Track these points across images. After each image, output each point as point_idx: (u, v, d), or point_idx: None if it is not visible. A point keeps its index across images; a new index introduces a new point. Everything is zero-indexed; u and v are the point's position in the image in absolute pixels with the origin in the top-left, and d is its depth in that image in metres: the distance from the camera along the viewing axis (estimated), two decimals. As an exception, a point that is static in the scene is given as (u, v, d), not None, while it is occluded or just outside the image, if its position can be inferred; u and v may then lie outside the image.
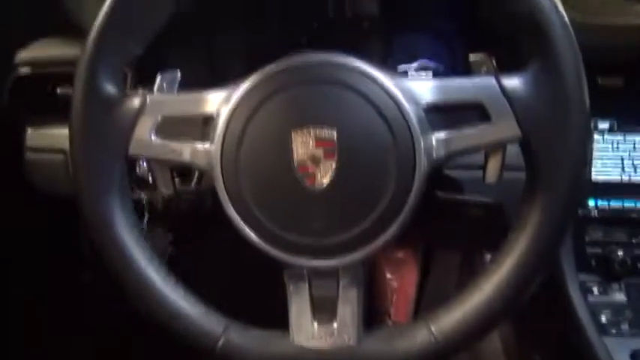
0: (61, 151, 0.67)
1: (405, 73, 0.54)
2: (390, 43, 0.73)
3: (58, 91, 0.65)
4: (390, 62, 0.73)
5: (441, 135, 0.45)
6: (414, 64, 0.74)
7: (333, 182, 0.44)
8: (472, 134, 0.45)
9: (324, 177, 0.44)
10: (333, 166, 0.44)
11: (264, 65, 0.46)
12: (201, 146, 0.46)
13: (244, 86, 0.45)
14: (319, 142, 0.44)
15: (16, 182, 0.71)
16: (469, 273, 1.07)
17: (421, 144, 0.44)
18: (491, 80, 0.44)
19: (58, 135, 0.68)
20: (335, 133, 0.44)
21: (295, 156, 0.44)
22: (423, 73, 0.74)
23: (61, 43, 0.67)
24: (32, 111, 0.68)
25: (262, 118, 0.45)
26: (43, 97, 0.66)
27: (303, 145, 0.44)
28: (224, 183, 0.45)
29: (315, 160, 0.44)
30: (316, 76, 0.45)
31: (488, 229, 0.66)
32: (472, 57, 0.48)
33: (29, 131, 0.69)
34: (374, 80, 0.45)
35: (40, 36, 0.70)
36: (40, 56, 0.66)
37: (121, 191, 0.48)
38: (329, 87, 0.45)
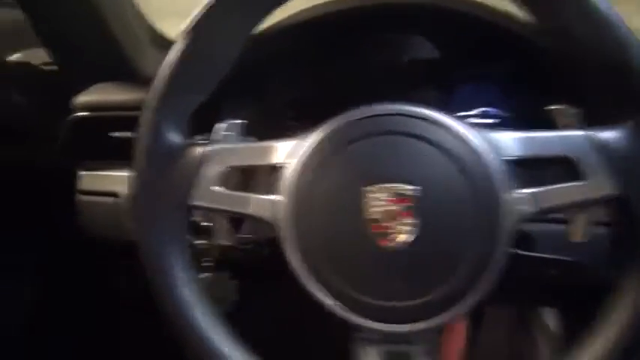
0: (113, 194, 0.67)
1: (485, 125, 0.51)
2: (448, 89, 0.70)
3: (113, 134, 0.65)
4: (447, 110, 0.70)
5: (527, 192, 0.41)
6: (474, 112, 0.72)
7: (409, 242, 0.41)
8: (562, 192, 0.41)
9: (400, 236, 0.41)
10: (409, 224, 0.41)
11: (331, 116, 0.44)
12: (266, 198, 0.44)
13: (314, 137, 0.43)
14: (394, 198, 0.41)
15: (67, 226, 0.70)
16: (522, 329, 1.00)
17: (506, 202, 0.41)
18: (580, 134, 0.41)
19: (111, 178, 0.67)
20: (411, 189, 0.41)
21: (368, 213, 0.41)
22: (485, 122, 0.72)
23: (118, 87, 0.68)
24: (87, 154, 0.68)
25: (333, 171, 0.42)
26: (99, 140, 0.66)
27: (376, 202, 0.41)
28: (290, 237, 0.43)
29: (390, 218, 0.41)
30: (390, 127, 0.43)
31: (558, 287, 0.61)
32: (553, 108, 0.45)
33: (82, 174, 0.69)
34: (453, 132, 0.42)
35: (100, 80, 0.70)
36: (97, 100, 0.66)
37: (180, 241, 0.46)
38: (404, 139, 0.42)
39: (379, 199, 0.41)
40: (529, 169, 0.43)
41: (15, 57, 0.93)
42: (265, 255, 0.57)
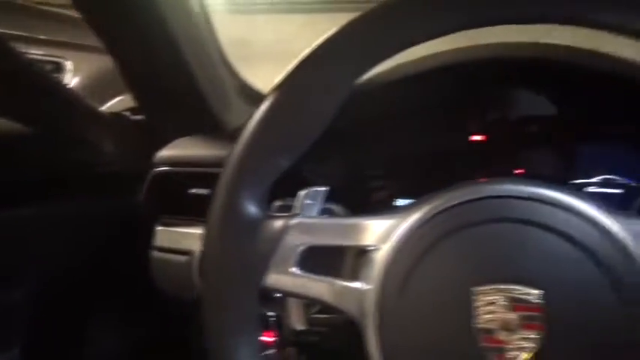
0: (187, 252, 0.63)
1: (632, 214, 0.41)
2: (565, 152, 0.61)
3: (192, 191, 0.62)
4: (563, 176, 0.61)
5: None
6: (596, 179, 0.62)
7: None
8: None
9: (521, 353, 0.32)
10: (536, 339, 0.32)
11: (436, 192, 0.37)
12: (351, 287, 0.37)
13: (414, 217, 0.36)
14: (515, 305, 0.33)
15: (141, 282, 0.68)
16: None
17: None
18: None
19: (186, 235, 0.64)
20: (538, 294, 0.32)
21: (479, 321, 0.33)
22: (609, 191, 0.61)
23: (201, 141, 0.65)
24: (165, 209, 0.66)
25: (435, 264, 0.35)
26: (178, 196, 0.63)
27: (490, 307, 0.33)
28: (378, 336, 0.36)
29: (509, 329, 0.33)
30: (510, 212, 0.34)
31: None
32: None
33: (159, 229, 0.66)
34: (591, 221, 0.33)
35: (184, 132, 0.69)
36: (178, 155, 0.64)
37: (249, 328, 0.40)
38: (526, 229, 0.34)
39: (494, 304, 0.33)
40: None
41: (111, 105, 0.96)
42: (341, 340, 0.50)
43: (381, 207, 0.63)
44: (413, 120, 0.63)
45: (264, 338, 0.63)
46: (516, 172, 0.61)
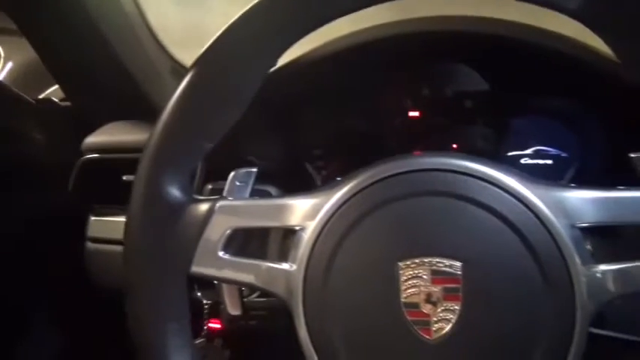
0: (122, 242, 0.61)
1: (558, 183, 0.41)
2: (499, 126, 0.61)
3: (124, 178, 0.59)
4: (497, 150, 0.62)
5: (609, 268, 0.32)
6: (528, 151, 0.63)
7: (456, 333, 0.32)
8: None
9: (444, 325, 0.32)
10: (457, 310, 0.32)
11: (361, 168, 0.36)
12: (279, 268, 0.36)
13: (338, 195, 0.35)
14: (438, 277, 0.32)
15: (74, 274, 0.65)
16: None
17: (582, 281, 0.32)
18: None
19: (121, 225, 0.61)
20: (460, 266, 0.32)
21: (404, 295, 0.33)
22: (541, 162, 0.62)
23: (132, 126, 0.62)
24: (97, 198, 0.63)
25: (360, 240, 0.34)
26: (110, 184, 0.60)
27: (414, 281, 0.33)
28: (305, 318, 0.35)
29: (432, 302, 0.33)
30: (431, 185, 0.34)
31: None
32: (636, 156, 0.36)
33: (92, 220, 0.63)
34: (511, 192, 0.33)
35: (115, 117, 0.65)
36: (107, 141, 0.61)
37: (178, 317, 0.39)
38: (449, 201, 0.34)
39: (418, 278, 0.33)
40: (610, 237, 0.34)
41: (49, 93, 0.90)
42: (280, 323, 0.49)
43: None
44: (350, 98, 0.62)
45: (212, 325, 0.62)
46: (453, 147, 0.62)
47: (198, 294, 0.61)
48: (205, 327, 0.59)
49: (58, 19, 0.59)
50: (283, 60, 0.62)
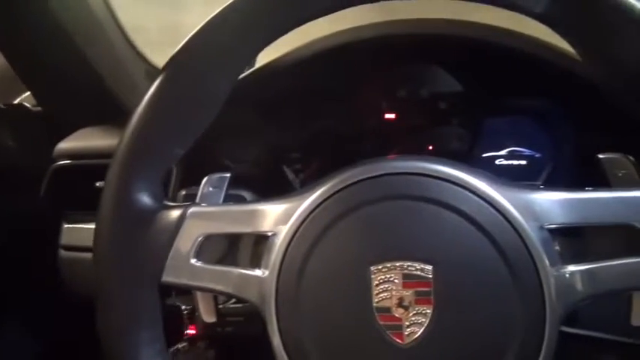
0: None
1: (529, 185, 0.41)
2: (473, 127, 0.62)
3: (97, 184, 0.58)
4: (472, 151, 0.62)
5: (578, 269, 0.33)
6: (503, 152, 0.63)
7: (428, 337, 0.32)
8: (624, 269, 0.33)
9: (416, 329, 0.32)
10: (429, 314, 0.32)
11: (333, 172, 0.36)
12: (251, 274, 0.36)
13: (310, 199, 0.35)
14: (409, 281, 0.32)
15: (47, 281, 0.63)
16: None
17: (552, 282, 0.32)
18: None
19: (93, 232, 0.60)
20: (431, 270, 0.32)
21: (375, 300, 0.33)
22: (515, 163, 0.63)
23: (104, 131, 0.61)
24: (70, 205, 0.62)
25: (332, 245, 0.34)
26: (82, 190, 0.59)
27: (386, 286, 0.33)
28: (278, 324, 0.35)
29: (404, 307, 0.33)
30: (403, 189, 0.34)
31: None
32: (604, 157, 0.36)
33: (64, 227, 0.62)
34: (481, 195, 0.33)
35: (88, 122, 0.64)
36: (79, 147, 0.59)
37: (150, 325, 0.38)
38: (420, 205, 0.34)
39: (390, 282, 0.33)
40: (579, 238, 0.34)
41: (23, 98, 0.88)
42: (257, 329, 0.49)
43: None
44: (327, 100, 0.62)
45: (189, 331, 0.61)
46: (429, 148, 0.62)
47: (176, 300, 0.60)
48: (186, 331, 0.58)
49: (22, 20, 0.57)
50: (259, 62, 0.62)
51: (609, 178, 0.36)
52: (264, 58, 0.61)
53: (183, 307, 0.55)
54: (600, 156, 0.36)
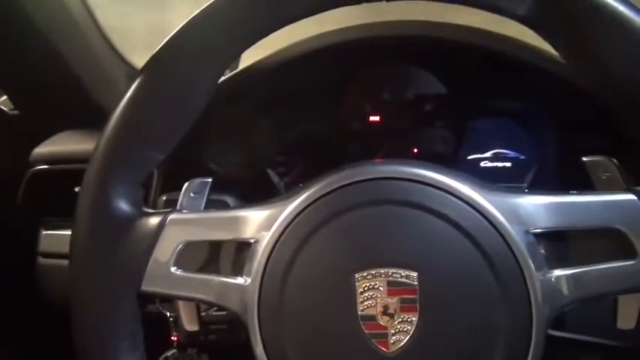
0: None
1: (514, 188, 0.40)
2: (458, 129, 0.62)
3: (76, 189, 0.57)
4: (457, 153, 0.62)
5: (564, 273, 0.32)
6: (488, 154, 0.63)
7: (414, 345, 0.32)
8: (609, 273, 0.32)
9: (402, 337, 0.32)
10: (415, 321, 0.32)
11: (316, 177, 0.35)
12: (232, 282, 0.35)
13: (293, 205, 0.34)
14: (394, 289, 0.32)
15: (24, 288, 0.62)
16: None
17: (538, 286, 0.32)
18: (629, 198, 0.32)
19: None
20: (416, 277, 0.32)
21: (360, 308, 0.32)
22: (500, 165, 0.63)
23: (83, 135, 0.60)
24: (47, 211, 0.60)
25: (315, 252, 0.33)
26: (60, 196, 0.58)
27: (371, 293, 0.32)
28: (261, 333, 0.34)
29: (389, 314, 0.32)
30: (387, 195, 0.33)
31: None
32: (588, 160, 0.36)
33: (43, 233, 0.61)
34: (465, 199, 0.33)
35: (66, 126, 0.63)
36: (57, 151, 0.58)
37: (129, 335, 0.37)
38: (404, 210, 0.33)
39: (375, 289, 0.32)
40: (564, 242, 0.34)
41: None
42: (240, 337, 0.48)
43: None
44: (311, 102, 0.61)
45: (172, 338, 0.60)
46: (413, 151, 0.62)
47: (160, 307, 0.59)
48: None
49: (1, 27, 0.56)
50: (243, 63, 0.61)
51: (593, 180, 0.36)
52: (247, 59, 0.60)
53: (168, 313, 0.54)
54: (584, 159, 0.36)
